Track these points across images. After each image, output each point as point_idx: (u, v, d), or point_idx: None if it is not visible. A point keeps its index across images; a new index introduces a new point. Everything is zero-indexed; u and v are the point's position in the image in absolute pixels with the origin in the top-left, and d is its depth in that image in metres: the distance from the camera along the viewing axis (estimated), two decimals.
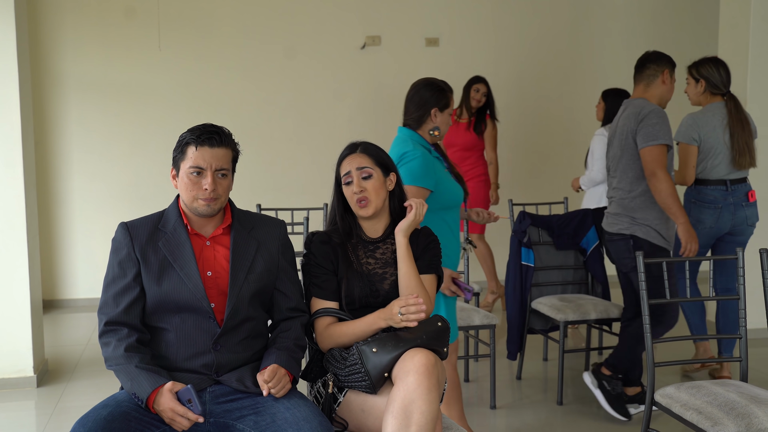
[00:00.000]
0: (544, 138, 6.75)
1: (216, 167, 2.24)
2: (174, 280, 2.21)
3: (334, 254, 2.43)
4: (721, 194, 3.96)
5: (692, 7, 7.04)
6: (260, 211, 4.57)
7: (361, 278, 2.42)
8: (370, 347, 2.19)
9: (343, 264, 2.43)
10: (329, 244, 2.44)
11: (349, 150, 2.57)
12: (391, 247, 2.49)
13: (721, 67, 4.06)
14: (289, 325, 2.35)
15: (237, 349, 2.26)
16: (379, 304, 2.44)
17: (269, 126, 6.35)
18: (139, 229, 2.27)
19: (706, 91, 4.07)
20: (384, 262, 2.47)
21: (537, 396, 4.05)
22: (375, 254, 2.47)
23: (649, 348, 2.74)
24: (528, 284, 4.17)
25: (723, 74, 4.05)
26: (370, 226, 2.50)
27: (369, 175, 2.47)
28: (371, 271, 2.45)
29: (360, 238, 2.49)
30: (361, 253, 2.47)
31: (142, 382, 2.08)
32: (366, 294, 2.42)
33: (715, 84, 4.05)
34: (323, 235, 2.46)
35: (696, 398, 2.56)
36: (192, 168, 2.22)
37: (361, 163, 2.49)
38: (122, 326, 2.19)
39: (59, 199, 6.13)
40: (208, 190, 2.22)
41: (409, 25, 6.58)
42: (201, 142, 2.22)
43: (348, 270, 2.42)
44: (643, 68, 3.73)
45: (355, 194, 2.44)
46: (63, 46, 6.04)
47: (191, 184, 2.23)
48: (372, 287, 2.43)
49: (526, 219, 4.22)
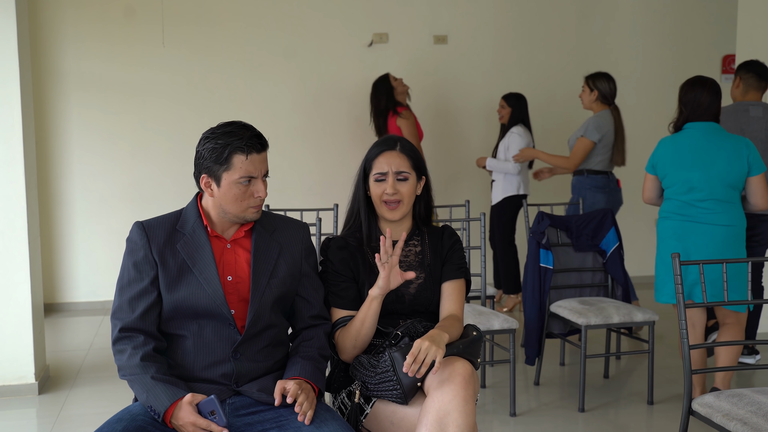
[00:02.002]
0: (554, 136, 6.62)
1: (263, 172, 2.12)
2: (193, 285, 2.07)
3: (353, 260, 2.32)
4: (607, 181, 4.96)
5: (702, 5, 6.91)
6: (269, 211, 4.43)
7: None
8: (403, 353, 2.04)
9: (365, 269, 2.31)
10: (347, 250, 2.32)
11: (387, 146, 2.35)
12: (414, 249, 2.38)
13: (611, 82, 4.97)
14: (312, 334, 2.22)
15: (258, 358, 2.12)
16: (405, 310, 2.32)
17: (274, 124, 6.22)
18: (157, 229, 2.12)
19: (597, 100, 4.97)
20: (408, 264, 2.36)
21: (557, 402, 3.92)
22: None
23: (686, 354, 2.61)
24: (547, 287, 4.04)
25: (612, 88, 4.96)
26: (393, 229, 2.37)
27: (405, 178, 2.32)
28: None
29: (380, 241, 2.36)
30: None
31: (159, 395, 1.94)
32: (391, 300, 2.29)
33: (605, 95, 4.95)
34: (340, 240, 2.35)
35: (738, 407, 2.43)
36: (243, 178, 2.07)
37: (400, 166, 2.31)
38: (138, 333, 2.06)
39: (59, 199, 5.98)
40: (261, 197, 2.09)
41: (416, 22, 6.46)
42: (250, 149, 2.07)
43: (370, 276, 2.30)
44: None
45: (386, 194, 2.30)
46: (64, 42, 5.90)
47: (241, 195, 2.09)
48: (397, 292, 2.30)
49: (545, 220, 4.09)
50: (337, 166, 6.36)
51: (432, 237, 2.41)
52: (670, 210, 3.66)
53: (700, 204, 3.56)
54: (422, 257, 2.37)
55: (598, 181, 4.97)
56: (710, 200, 3.54)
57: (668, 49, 6.86)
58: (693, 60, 6.89)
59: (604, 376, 4.28)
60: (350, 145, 6.37)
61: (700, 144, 3.57)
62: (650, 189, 3.78)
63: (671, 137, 3.69)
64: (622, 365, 4.56)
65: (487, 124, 6.39)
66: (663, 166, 3.66)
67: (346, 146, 6.37)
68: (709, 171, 3.54)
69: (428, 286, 2.34)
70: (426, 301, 2.34)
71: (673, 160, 3.62)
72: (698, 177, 3.55)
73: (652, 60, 6.78)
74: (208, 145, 2.07)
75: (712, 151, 3.55)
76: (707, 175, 3.54)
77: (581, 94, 5.05)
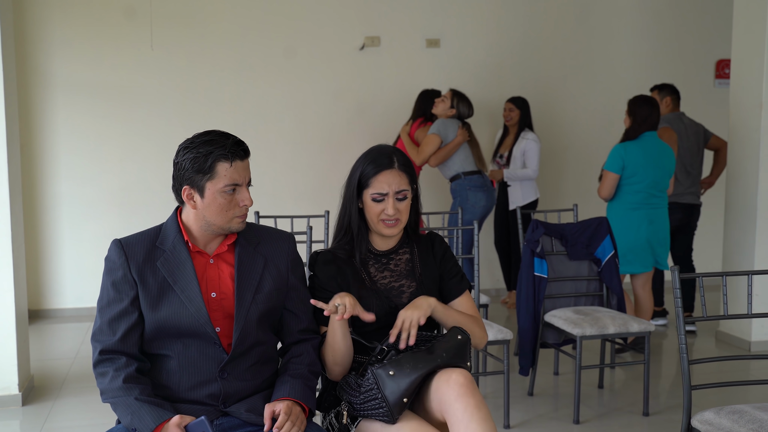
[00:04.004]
0: (548, 141, 6.57)
1: (247, 179, 2.05)
2: (174, 303, 2.00)
3: (341, 274, 2.24)
4: (483, 180, 5.49)
5: (696, 10, 6.88)
6: (259, 219, 4.36)
7: (377, 296, 2.23)
8: (386, 370, 2.00)
9: (355, 283, 2.23)
10: (334, 264, 2.25)
11: (384, 163, 2.23)
12: (404, 257, 2.32)
13: (471, 108, 5.60)
14: (301, 349, 2.15)
15: (246, 377, 2.05)
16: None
17: (265, 129, 6.14)
18: (135, 246, 2.03)
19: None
20: (399, 273, 2.29)
21: (551, 414, 3.86)
22: (389, 266, 2.30)
23: (686, 370, 2.55)
24: (541, 296, 3.98)
25: (470, 113, 5.59)
26: (383, 239, 2.31)
27: (405, 197, 2.24)
28: (387, 286, 2.27)
29: (370, 252, 2.30)
30: (372, 269, 2.28)
31: (144, 417, 1.87)
32: (384, 312, 2.21)
33: (461, 116, 5.55)
34: (327, 254, 2.27)
35: (740, 425, 2.37)
36: (228, 186, 2.00)
37: (401, 185, 2.22)
38: (120, 355, 1.98)
39: (45, 204, 5.88)
40: (247, 206, 2.02)
41: (409, 25, 6.39)
42: (233, 156, 1.99)
43: (361, 289, 2.23)
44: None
45: (386, 215, 2.22)
46: (50, 44, 5.80)
47: (227, 204, 2.01)
48: (389, 304, 2.24)
49: (539, 228, 4.03)
50: (329, 171, 6.28)
51: (420, 246, 2.36)
52: (639, 201, 4.58)
53: (660, 194, 4.63)
54: (412, 266, 2.32)
55: (475, 180, 5.45)
56: (663, 191, 4.65)
57: (662, 54, 6.82)
58: (686, 65, 6.86)
59: (598, 387, 4.22)
60: (342, 149, 6.30)
61: (655, 148, 4.59)
62: (613, 186, 4.61)
63: (634, 143, 4.57)
64: (616, 375, 4.50)
65: (481, 128, 6.33)
66: (634, 166, 4.54)
67: (337, 151, 6.29)
68: (663, 168, 4.59)
69: (419, 294, 2.27)
70: None
71: (643, 161, 4.54)
72: (660, 174, 4.58)
73: (646, 64, 6.74)
74: (189, 155, 1.98)
75: (661, 153, 4.61)
76: (662, 172, 4.60)
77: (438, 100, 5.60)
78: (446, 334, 2.16)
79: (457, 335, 2.13)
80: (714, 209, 6.73)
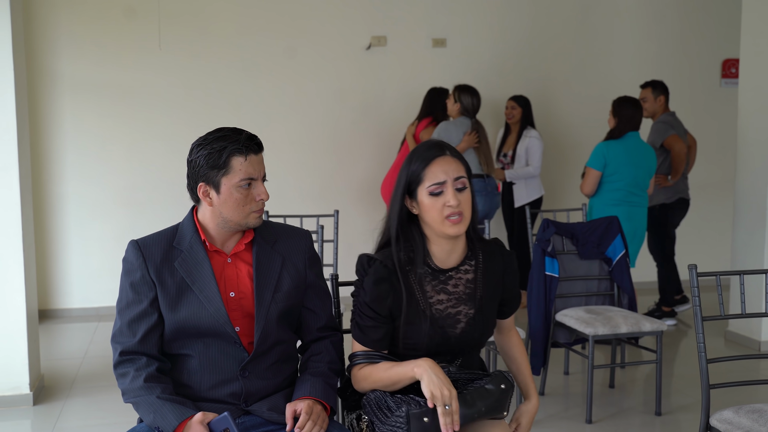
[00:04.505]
0: (553, 141, 6.57)
1: (262, 174, 2.04)
2: (194, 303, 1.99)
3: (394, 294, 1.97)
4: (483, 184, 5.34)
5: (702, 10, 6.88)
6: (268, 218, 4.36)
7: (430, 323, 1.98)
8: (420, 418, 1.83)
9: (408, 304, 1.97)
10: (387, 282, 1.97)
11: (436, 153, 1.98)
12: (464, 276, 2.03)
13: (476, 97, 5.44)
14: (321, 347, 2.14)
15: (266, 375, 2.05)
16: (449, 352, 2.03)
17: (271, 128, 6.13)
18: (152, 247, 2.03)
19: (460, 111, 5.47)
20: (457, 298, 2.01)
21: (562, 413, 3.86)
22: (447, 287, 2.02)
23: (704, 369, 2.55)
24: (552, 295, 3.97)
25: (475, 102, 5.43)
26: (446, 252, 2.02)
27: (464, 186, 1.97)
28: (443, 313, 2.00)
29: (428, 267, 2.01)
30: (428, 287, 2.01)
31: (167, 414, 1.86)
32: (436, 343, 1.98)
33: (466, 108, 5.42)
34: (381, 269, 1.98)
35: (759, 424, 2.37)
36: (244, 180, 1.99)
37: (458, 172, 1.97)
38: (140, 355, 1.98)
39: (52, 204, 5.88)
40: (263, 200, 2.01)
41: (415, 25, 6.39)
42: (248, 150, 1.99)
43: (414, 313, 1.97)
44: None
45: (449, 207, 1.94)
46: (57, 43, 5.79)
47: (243, 199, 2.00)
48: (443, 334, 1.99)
49: (550, 227, 4.03)
50: (335, 170, 6.28)
51: (486, 260, 2.07)
52: (619, 198, 4.74)
53: (640, 193, 4.78)
54: (474, 288, 2.04)
55: (475, 184, 5.37)
56: (643, 190, 4.79)
57: (668, 54, 6.82)
58: (692, 64, 6.86)
59: (609, 386, 4.21)
60: (348, 149, 6.30)
61: (637, 148, 4.76)
62: (595, 183, 4.77)
63: (617, 142, 4.74)
64: (627, 374, 4.50)
65: (486, 127, 6.32)
66: (616, 164, 4.70)
67: (344, 151, 6.30)
68: (643, 168, 4.76)
69: (478, 323, 2.04)
70: (473, 341, 2.06)
71: (625, 160, 4.70)
72: (641, 173, 4.74)
73: (650, 64, 6.73)
74: (203, 152, 1.98)
75: (643, 153, 4.77)
76: (643, 171, 4.76)
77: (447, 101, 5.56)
78: (490, 380, 1.94)
79: (501, 384, 1.93)
80: (719, 209, 6.74)
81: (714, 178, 6.78)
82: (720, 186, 6.76)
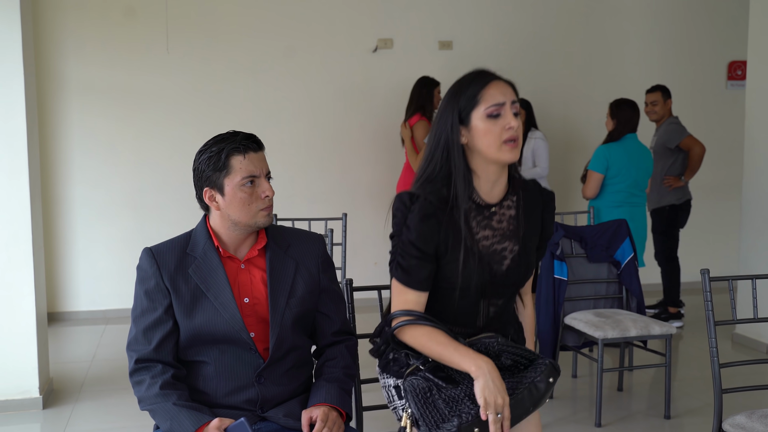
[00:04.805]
0: (560, 143, 6.57)
1: (266, 171, 2.05)
2: (208, 310, 1.99)
3: (439, 231, 1.87)
4: None
5: (708, 12, 6.87)
6: (277, 221, 4.36)
7: (479, 260, 1.90)
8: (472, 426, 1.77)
9: (455, 241, 1.88)
10: (435, 218, 1.86)
11: (491, 77, 1.88)
12: (507, 212, 1.96)
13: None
14: (335, 352, 2.14)
15: (282, 381, 2.05)
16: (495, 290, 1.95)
17: (279, 131, 6.14)
18: (166, 255, 2.03)
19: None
20: (502, 234, 1.94)
21: (571, 417, 3.86)
22: (491, 223, 1.94)
23: (716, 373, 2.55)
24: (561, 299, 3.98)
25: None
26: (491, 184, 1.92)
27: (518, 112, 1.88)
28: (489, 249, 1.93)
29: (473, 202, 1.92)
30: (474, 223, 1.92)
31: (184, 421, 1.87)
32: (481, 281, 1.90)
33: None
34: (427, 206, 1.86)
35: None
36: (246, 179, 1.99)
37: (513, 96, 1.87)
38: (155, 363, 1.98)
39: (60, 207, 5.89)
40: (269, 197, 2.02)
41: (422, 27, 6.39)
42: (246, 148, 2.00)
43: (461, 250, 1.88)
44: None
45: (508, 131, 1.84)
46: (64, 47, 5.81)
47: (248, 198, 2.00)
48: (490, 270, 1.92)
49: (559, 230, 4.03)
50: (342, 173, 6.29)
51: (526, 196, 2.00)
52: (621, 200, 4.83)
53: (639, 193, 4.88)
54: (517, 224, 1.97)
55: None
56: (642, 190, 4.90)
57: (673, 56, 6.82)
58: (698, 66, 6.86)
59: (618, 389, 4.21)
60: (355, 151, 6.31)
61: (636, 149, 4.85)
62: (598, 186, 4.85)
63: (617, 144, 4.82)
64: (635, 378, 4.49)
65: None
66: (617, 167, 4.79)
67: (351, 153, 6.30)
68: (642, 169, 4.85)
69: (522, 260, 1.97)
70: (518, 279, 1.99)
71: (626, 162, 4.79)
72: (641, 174, 4.84)
73: (657, 66, 6.73)
74: (204, 157, 2.01)
75: (641, 154, 4.87)
76: (643, 172, 4.86)
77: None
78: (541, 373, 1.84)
79: (550, 378, 1.84)
80: (724, 212, 6.74)
81: (719, 180, 6.78)
82: (725, 189, 6.76)
